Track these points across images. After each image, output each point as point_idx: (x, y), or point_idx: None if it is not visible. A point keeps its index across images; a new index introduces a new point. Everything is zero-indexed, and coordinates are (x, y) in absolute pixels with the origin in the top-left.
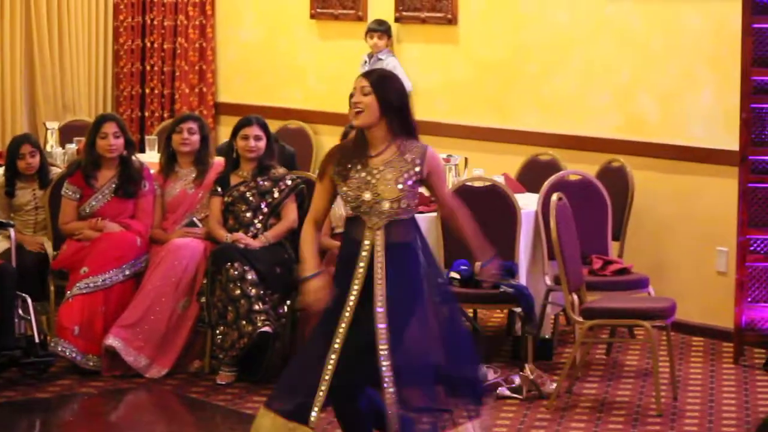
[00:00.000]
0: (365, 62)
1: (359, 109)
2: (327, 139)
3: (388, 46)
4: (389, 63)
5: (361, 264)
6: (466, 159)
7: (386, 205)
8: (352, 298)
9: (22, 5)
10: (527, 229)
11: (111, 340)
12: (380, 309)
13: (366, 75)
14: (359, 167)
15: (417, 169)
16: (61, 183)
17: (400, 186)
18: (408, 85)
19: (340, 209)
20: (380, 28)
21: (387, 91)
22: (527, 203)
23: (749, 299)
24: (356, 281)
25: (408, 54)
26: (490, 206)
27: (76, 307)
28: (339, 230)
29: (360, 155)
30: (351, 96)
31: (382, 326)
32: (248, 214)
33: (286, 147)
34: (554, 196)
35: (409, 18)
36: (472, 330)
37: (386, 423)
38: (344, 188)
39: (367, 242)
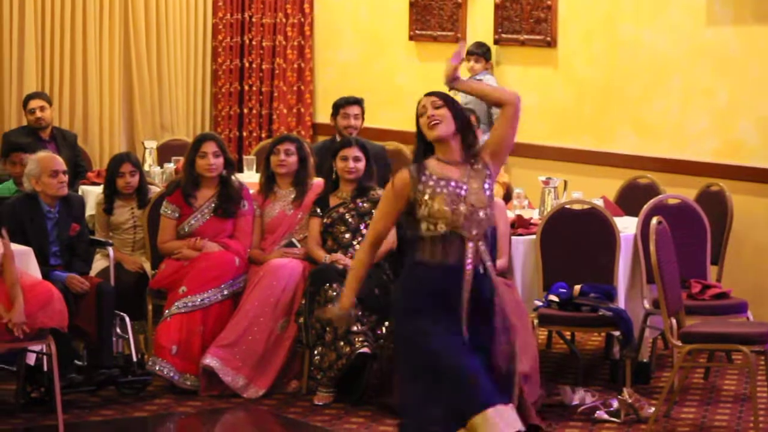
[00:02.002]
0: None
1: (437, 120)
2: None
3: (486, 69)
4: (487, 81)
5: (466, 285)
6: (565, 182)
7: (482, 215)
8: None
9: (121, 24)
10: (626, 252)
11: (209, 360)
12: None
13: (432, 93)
14: (442, 182)
15: (485, 177)
16: (160, 202)
17: (484, 194)
18: None
19: None
20: (477, 51)
21: (457, 107)
22: (626, 227)
23: None
24: (463, 304)
25: (507, 76)
26: (589, 229)
27: (174, 326)
28: None
29: (429, 169)
30: (418, 116)
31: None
32: (347, 236)
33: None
34: (654, 220)
35: (508, 40)
36: (570, 353)
37: None
38: (435, 205)
39: (470, 258)
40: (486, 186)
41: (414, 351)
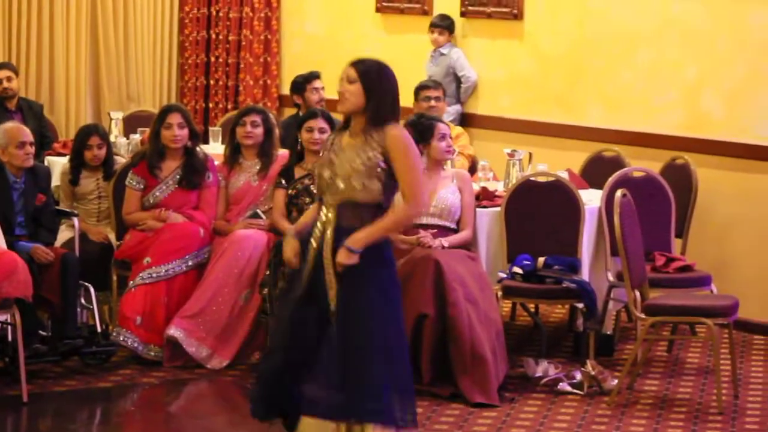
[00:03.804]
0: (431, 57)
1: (344, 97)
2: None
3: (449, 42)
4: (453, 55)
5: (313, 243)
6: (530, 154)
7: (341, 184)
8: (304, 275)
9: None
10: (590, 225)
11: (173, 331)
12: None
13: (355, 64)
14: (331, 148)
15: (377, 148)
16: (125, 173)
17: (354, 165)
18: (473, 75)
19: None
20: (441, 24)
21: (373, 81)
22: (591, 199)
23: None
24: (308, 260)
25: (473, 49)
26: (553, 202)
27: (139, 297)
28: None
29: (336, 138)
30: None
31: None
32: None
33: None
34: (618, 193)
35: (475, 13)
36: (534, 325)
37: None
38: (315, 169)
39: (319, 223)
40: (360, 158)
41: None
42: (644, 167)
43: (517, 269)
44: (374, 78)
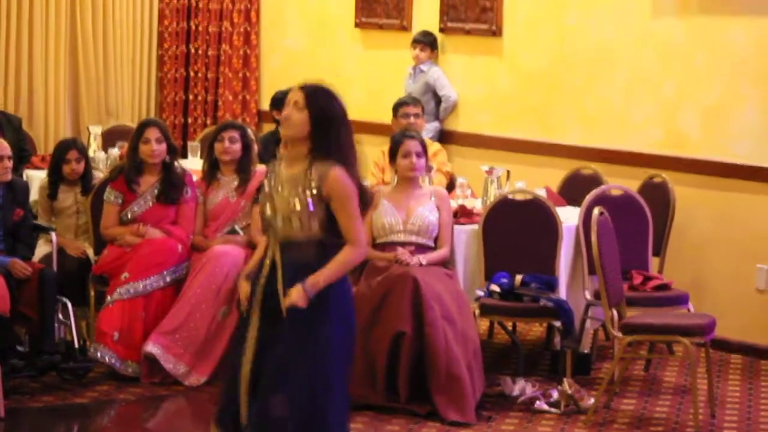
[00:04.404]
0: (410, 74)
1: (289, 123)
2: (369, 149)
3: (431, 59)
4: (433, 74)
5: (261, 280)
6: (508, 172)
7: (279, 222)
8: (253, 312)
9: (68, 8)
10: (568, 243)
11: (150, 347)
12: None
13: (303, 88)
14: (272, 180)
15: (314, 189)
16: (103, 188)
17: (292, 203)
18: (453, 95)
19: (381, 218)
20: (423, 40)
21: (319, 110)
22: (568, 217)
23: None
24: (257, 296)
25: (452, 65)
26: (531, 219)
27: (116, 312)
28: (380, 240)
29: (276, 168)
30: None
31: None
32: None
33: None
34: (596, 211)
35: (454, 29)
36: (512, 344)
37: None
38: (261, 202)
39: (267, 261)
40: (298, 198)
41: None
42: (622, 185)
43: (494, 287)
44: (323, 106)
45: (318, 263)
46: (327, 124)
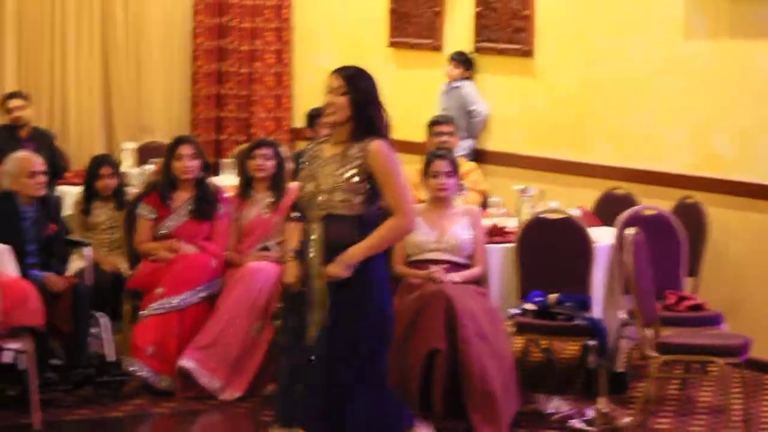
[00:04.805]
0: (444, 90)
1: (331, 110)
2: (404, 167)
3: (463, 77)
4: (465, 90)
5: (310, 254)
6: (542, 191)
7: (322, 197)
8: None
9: (101, 26)
10: (602, 262)
11: (185, 362)
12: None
13: (340, 71)
14: (314, 160)
15: (358, 162)
16: (137, 203)
17: (336, 178)
18: (484, 111)
19: (415, 236)
20: (457, 58)
21: (359, 93)
22: (602, 237)
23: None
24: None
25: (485, 84)
26: (565, 239)
27: (151, 327)
28: (414, 258)
29: (317, 148)
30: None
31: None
32: None
33: None
34: (631, 231)
35: (487, 49)
36: (546, 362)
37: None
38: (298, 182)
39: (308, 240)
40: (341, 171)
41: None
42: (655, 205)
43: (529, 306)
44: (361, 88)
45: (357, 239)
46: (366, 104)
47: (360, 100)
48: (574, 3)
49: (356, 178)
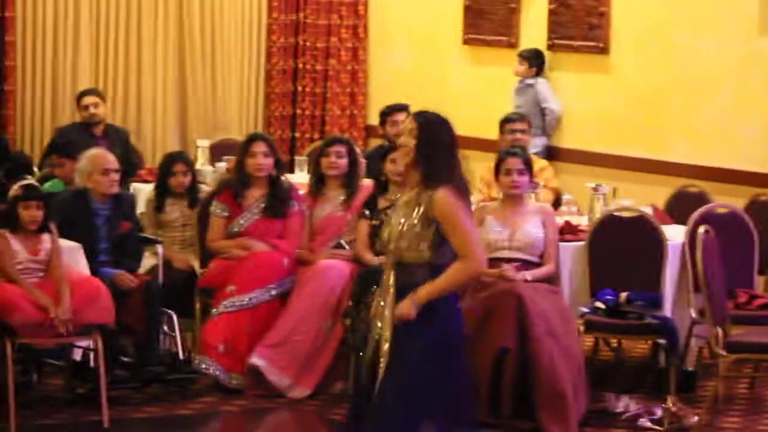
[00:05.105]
0: (517, 88)
1: (404, 151)
2: (476, 165)
3: (530, 75)
4: (538, 87)
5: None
6: (614, 189)
7: (393, 245)
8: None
9: (176, 23)
10: (673, 260)
11: (255, 360)
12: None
13: (417, 116)
14: (394, 207)
15: (421, 211)
16: (210, 201)
17: (401, 227)
18: (557, 109)
19: (487, 234)
20: (525, 54)
21: (427, 137)
22: (674, 235)
23: None
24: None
25: (559, 82)
26: (636, 237)
27: (222, 325)
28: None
29: (399, 196)
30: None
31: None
32: None
33: None
34: (701, 229)
35: (562, 46)
36: (616, 360)
37: None
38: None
39: (383, 285)
40: (406, 220)
41: None
42: (728, 203)
43: (599, 304)
44: (430, 137)
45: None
46: (431, 151)
47: (427, 149)
48: (651, 0)
49: (418, 228)
